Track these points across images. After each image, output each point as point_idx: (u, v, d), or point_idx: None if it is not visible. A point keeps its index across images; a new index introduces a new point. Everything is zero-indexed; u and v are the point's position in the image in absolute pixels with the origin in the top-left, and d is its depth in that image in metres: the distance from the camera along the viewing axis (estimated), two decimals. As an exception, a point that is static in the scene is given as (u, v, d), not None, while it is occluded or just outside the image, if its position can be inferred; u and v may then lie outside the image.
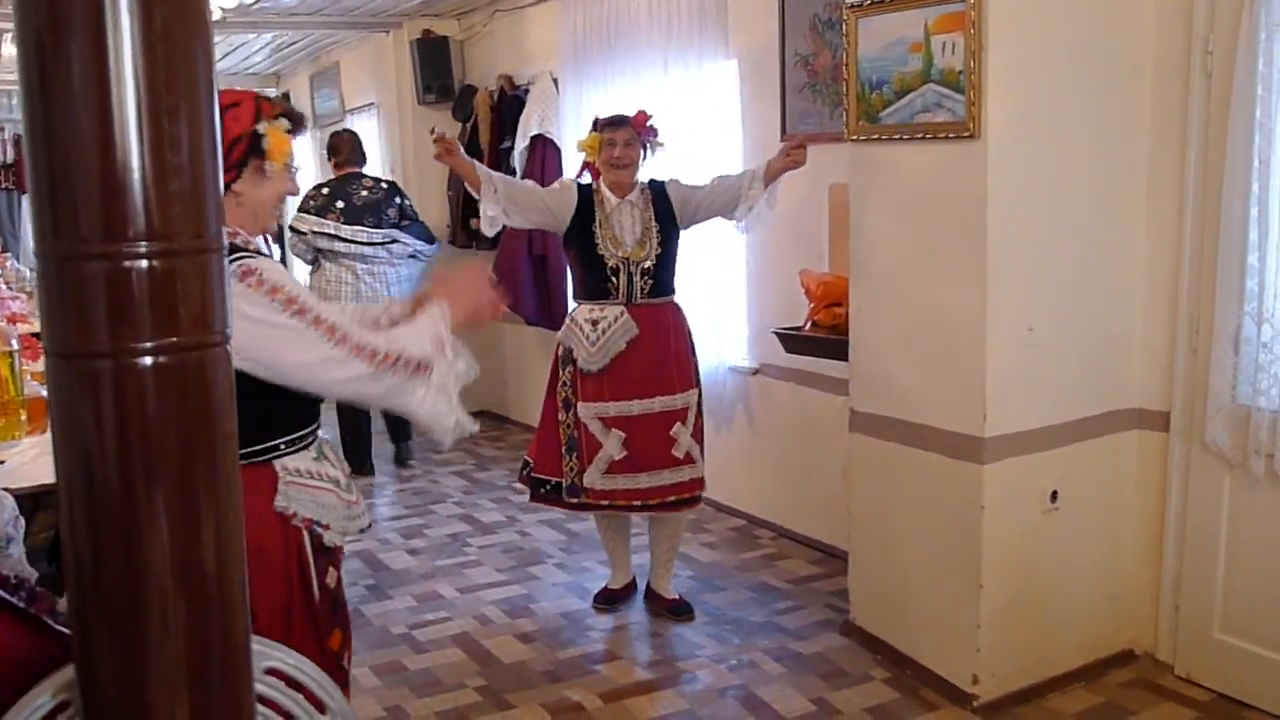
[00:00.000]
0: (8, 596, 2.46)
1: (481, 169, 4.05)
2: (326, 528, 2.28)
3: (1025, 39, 3.30)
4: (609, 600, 4.41)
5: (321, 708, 1.53)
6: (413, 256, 6.38)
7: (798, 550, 4.99)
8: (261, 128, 2.19)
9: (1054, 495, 3.52)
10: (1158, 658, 3.70)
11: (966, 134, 3.30)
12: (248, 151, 2.18)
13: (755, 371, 5.24)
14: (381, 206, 6.24)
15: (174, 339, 1.05)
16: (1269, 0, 3.11)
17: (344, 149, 6.42)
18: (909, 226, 3.59)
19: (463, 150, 4.07)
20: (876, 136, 3.63)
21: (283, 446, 2.25)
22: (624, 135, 4.08)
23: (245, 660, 1.31)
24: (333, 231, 6.13)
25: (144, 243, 1.02)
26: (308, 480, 2.26)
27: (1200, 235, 3.41)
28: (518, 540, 5.31)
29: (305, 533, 2.25)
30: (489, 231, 4.16)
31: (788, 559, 4.90)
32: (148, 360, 1.05)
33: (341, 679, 2.32)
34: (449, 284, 2.35)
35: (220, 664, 1.26)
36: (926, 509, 3.62)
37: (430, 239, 6.51)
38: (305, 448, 2.29)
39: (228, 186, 2.17)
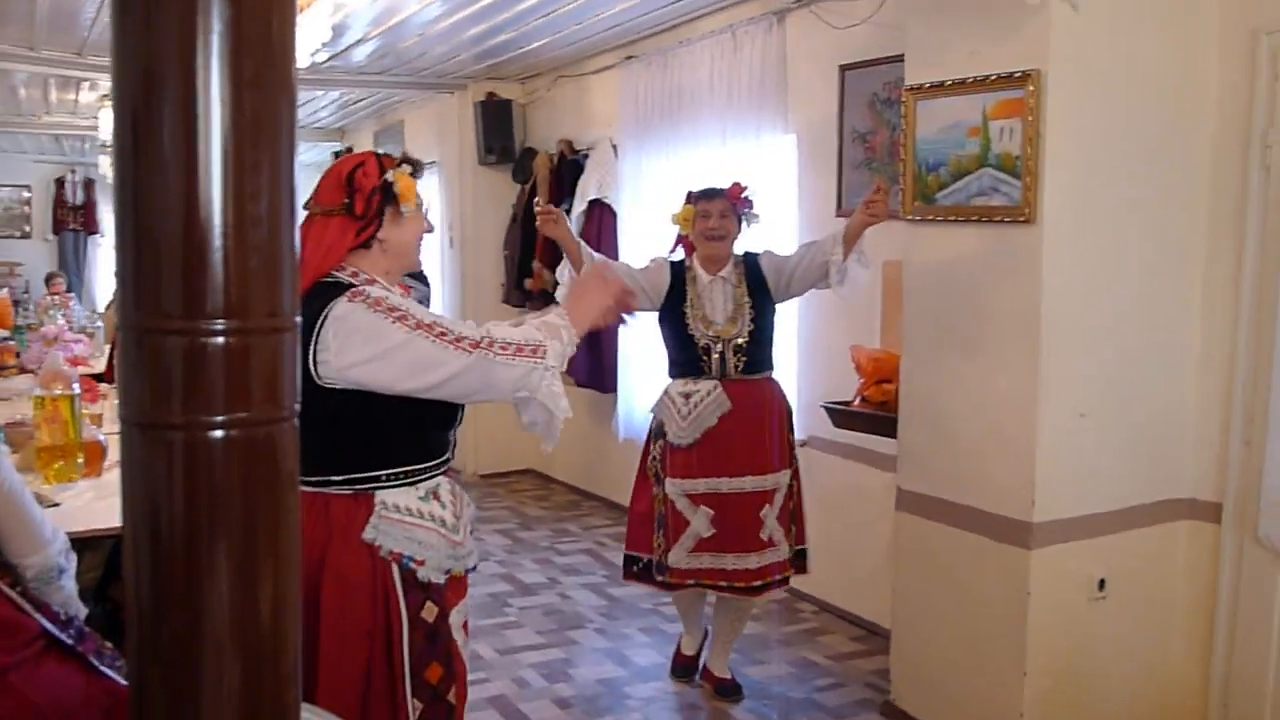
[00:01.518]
0: (58, 633, 2.51)
1: (586, 249, 3.96)
2: (420, 564, 2.36)
3: (1083, 126, 3.32)
4: (685, 671, 4.33)
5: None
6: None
7: (840, 626, 4.95)
8: (390, 176, 2.43)
9: (1101, 584, 3.49)
10: (1205, 755, 3.62)
11: (1022, 219, 3.32)
12: (383, 200, 2.41)
13: (803, 444, 5.23)
14: None
15: (245, 414, 1.09)
16: (1330, 98, 3.12)
17: None
18: (962, 307, 3.60)
19: (568, 222, 4.01)
20: (932, 218, 3.66)
21: (384, 479, 2.37)
22: (719, 207, 3.99)
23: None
24: None
25: (221, 320, 1.06)
26: (405, 516, 2.37)
27: (1257, 326, 3.39)
28: (559, 603, 5.31)
29: (395, 565, 2.34)
30: None
31: (829, 634, 4.86)
32: (219, 434, 1.09)
33: (442, 711, 2.40)
34: (572, 288, 2.50)
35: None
36: (972, 592, 3.59)
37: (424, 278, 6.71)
38: (412, 485, 2.40)
39: (373, 237, 2.40)
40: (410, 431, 2.41)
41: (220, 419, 1.06)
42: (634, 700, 4.21)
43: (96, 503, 3.63)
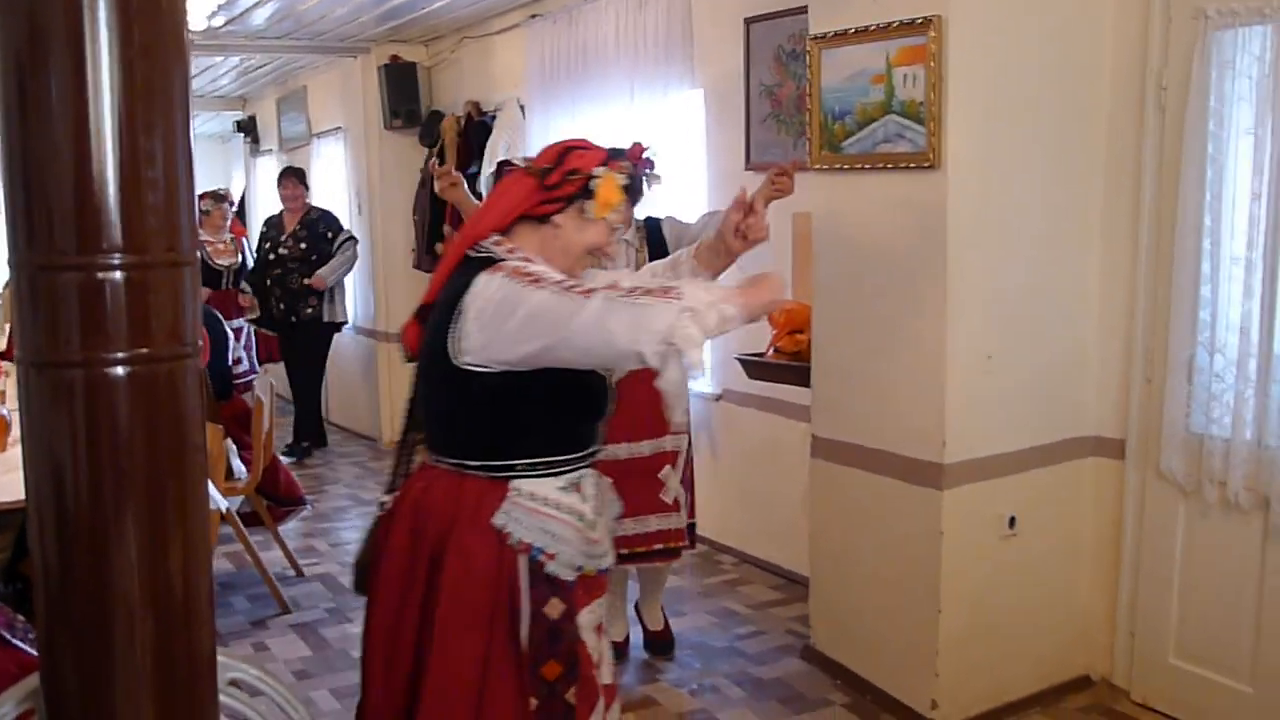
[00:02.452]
0: (-35, 612, 2.45)
1: None
2: (551, 557, 2.26)
3: (985, 72, 3.36)
4: (614, 655, 4.28)
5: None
6: None
7: (759, 576, 5.01)
8: (599, 173, 2.32)
9: (1012, 521, 3.57)
10: (1114, 683, 3.74)
11: (927, 164, 3.36)
12: (578, 192, 2.30)
13: (718, 398, 5.28)
14: None
15: (146, 350, 1.07)
16: (1220, 38, 3.20)
17: None
18: (871, 255, 3.64)
19: (466, 185, 3.89)
20: (839, 166, 3.69)
21: (520, 468, 2.27)
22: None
23: (210, 673, 1.31)
24: None
25: (118, 254, 1.04)
26: (541, 506, 2.27)
27: (1154, 266, 3.48)
28: (480, 565, 5.29)
29: (523, 556, 2.25)
30: None
31: (749, 584, 4.92)
32: (120, 370, 1.06)
33: (560, 709, 2.29)
34: (751, 279, 2.34)
35: (186, 677, 1.27)
36: (886, 534, 3.65)
37: None
38: (553, 475, 2.30)
39: (548, 216, 2.30)
40: (552, 420, 2.31)
41: (121, 355, 1.04)
42: (558, 656, 4.22)
43: (1, 478, 3.54)
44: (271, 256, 7.44)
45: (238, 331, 7.14)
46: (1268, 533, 3.24)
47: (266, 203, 10.40)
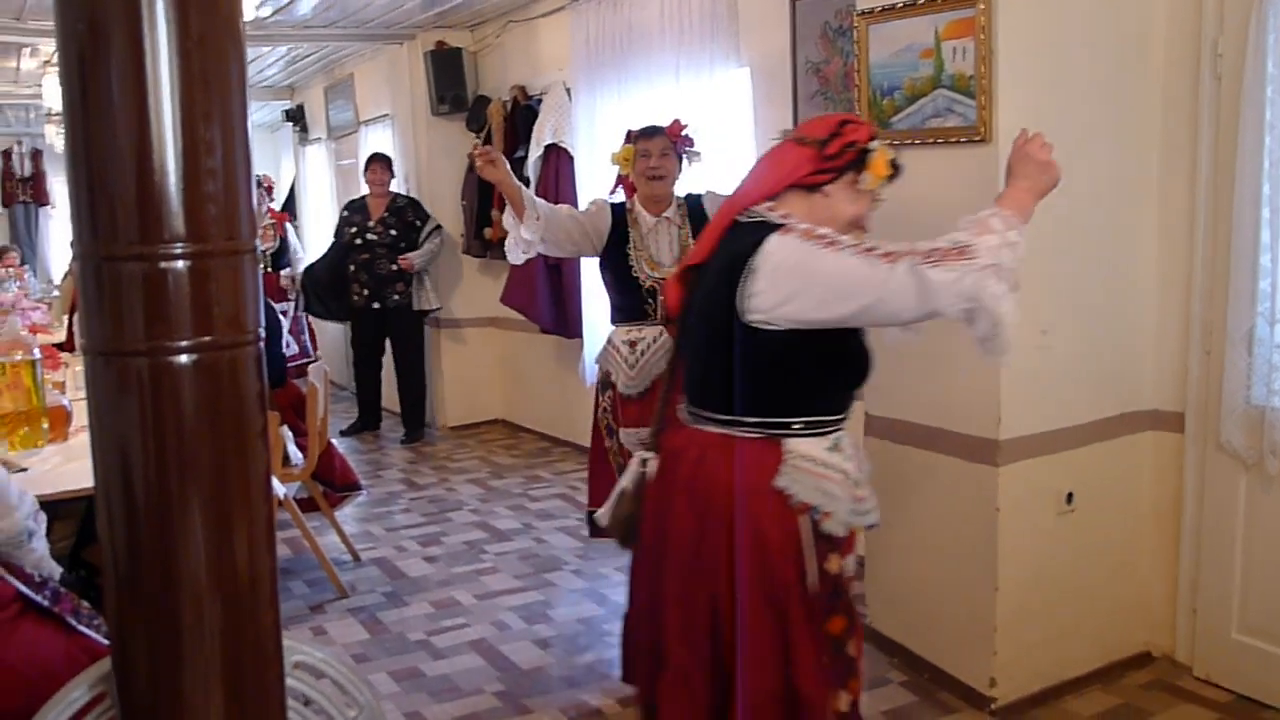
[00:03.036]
0: (33, 596, 2.50)
1: (527, 194, 3.87)
2: (827, 515, 2.35)
3: (1035, 43, 3.32)
4: None
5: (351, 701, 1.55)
6: None
7: (813, 555, 5.00)
8: (874, 146, 2.43)
9: (1069, 497, 3.53)
10: (1176, 659, 3.70)
11: (978, 138, 3.32)
12: (853, 162, 2.41)
13: (769, 377, 5.26)
14: None
15: (209, 337, 1.09)
16: (1276, 3, 3.13)
17: None
18: (922, 230, 3.57)
19: (507, 165, 3.89)
20: (889, 142, 3.64)
21: (796, 428, 2.36)
22: (659, 145, 3.93)
23: (277, 655, 1.33)
24: None
25: (179, 244, 1.05)
26: (815, 466, 2.35)
27: (1213, 237, 3.43)
28: (534, 547, 5.34)
29: (803, 516, 2.34)
30: (517, 259, 3.98)
31: (803, 564, 4.91)
32: (184, 359, 1.08)
33: (844, 665, 2.39)
34: (1006, 174, 2.50)
35: (253, 659, 1.29)
36: (942, 512, 3.63)
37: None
38: (821, 435, 2.39)
39: (819, 185, 2.40)
40: (828, 380, 2.42)
41: (184, 343, 1.06)
42: (614, 637, 4.22)
43: (64, 467, 3.61)
44: (358, 241, 7.42)
45: (284, 314, 7.22)
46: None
47: (317, 191, 10.50)
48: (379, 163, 7.55)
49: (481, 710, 3.68)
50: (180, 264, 1.06)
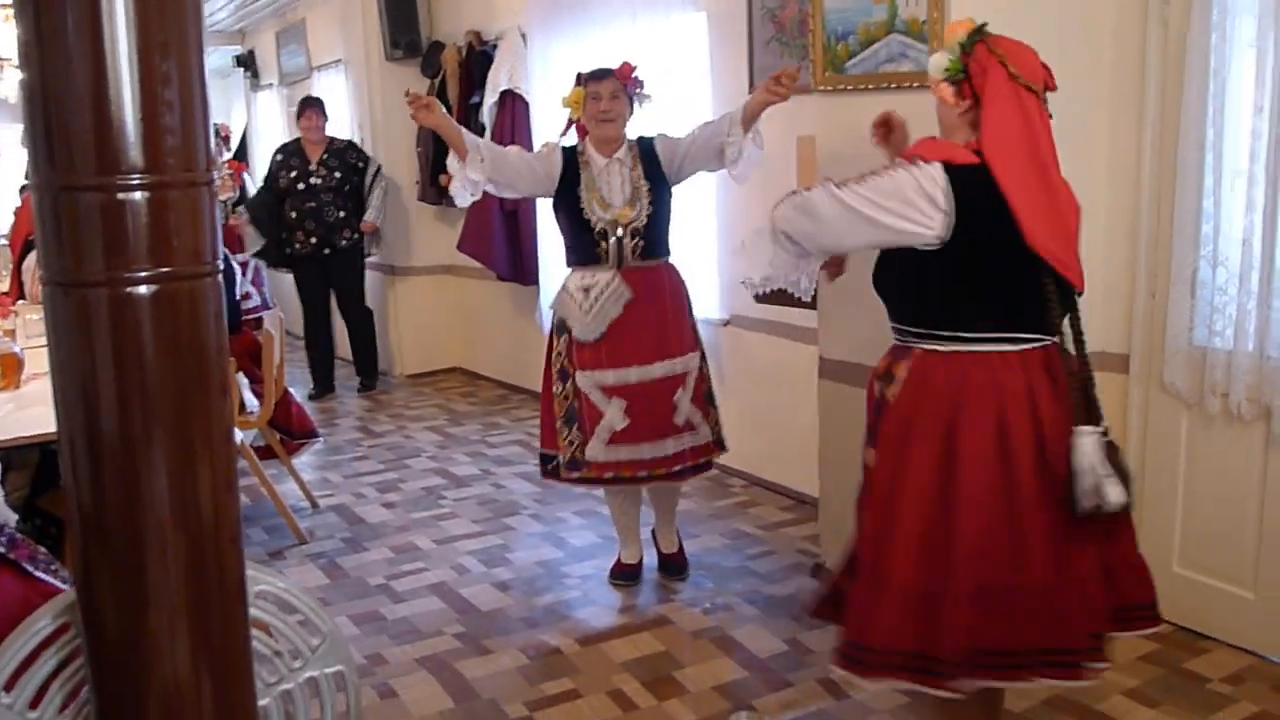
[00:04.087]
0: (-12, 541, 2.50)
1: (468, 136, 3.86)
2: None
3: (988, -12, 3.34)
4: (626, 575, 4.24)
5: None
6: None
7: (769, 498, 5.08)
8: None
9: (1017, 437, 3.60)
10: (1118, 594, 3.79)
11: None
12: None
13: (726, 323, 5.31)
14: None
15: (168, 268, 1.10)
16: (1223, -51, 3.17)
17: None
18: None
19: (442, 109, 3.88)
20: (843, 87, 3.68)
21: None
22: (609, 88, 3.93)
23: (240, 589, 1.36)
24: None
25: (137, 175, 1.06)
26: None
27: (1158, 181, 3.48)
28: (493, 493, 5.38)
29: None
30: (463, 202, 3.98)
31: (759, 506, 4.99)
32: (143, 290, 1.10)
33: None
34: None
35: (217, 590, 1.32)
36: (894, 452, 3.69)
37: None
38: None
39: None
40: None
41: (143, 274, 1.07)
42: (572, 579, 4.30)
43: (17, 414, 3.60)
44: (301, 186, 7.25)
45: (244, 265, 7.14)
46: (1269, 442, 3.28)
47: (269, 138, 10.37)
48: (314, 108, 7.37)
49: (442, 651, 3.73)
50: (138, 195, 1.07)
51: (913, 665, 2.50)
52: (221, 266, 1.17)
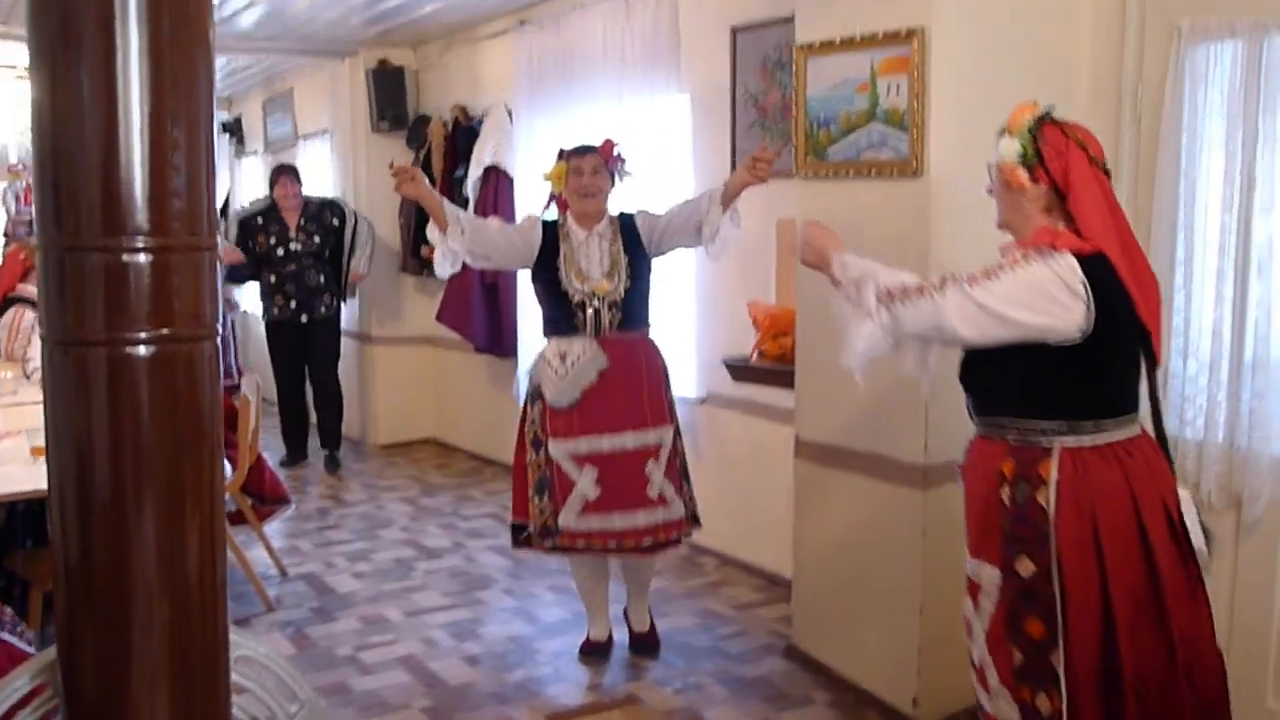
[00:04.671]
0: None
1: (449, 207, 3.90)
2: None
3: (966, 81, 3.43)
4: (596, 652, 4.21)
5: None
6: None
7: (742, 577, 5.07)
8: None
9: (991, 522, 3.62)
10: (1089, 682, 3.79)
11: (910, 172, 3.43)
12: None
13: (703, 401, 5.33)
14: None
15: (167, 330, 1.11)
16: (1193, 52, 3.28)
17: None
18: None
19: (426, 180, 3.93)
20: (824, 173, 3.75)
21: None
22: (591, 163, 3.99)
23: (224, 653, 1.35)
24: None
25: (142, 237, 1.08)
26: None
27: (1131, 273, 3.55)
28: (464, 565, 5.34)
29: None
30: (445, 273, 4.02)
31: (732, 586, 4.97)
32: (142, 350, 1.11)
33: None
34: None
35: (201, 655, 1.31)
36: (869, 535, 3.71)
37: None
38: None
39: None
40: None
41: (143, 335, 1.09)
42: (543, 655, 4.27)
43: (-9, 470, 3.56)
44: (280, 252, 7.12)
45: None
46: (1239, 531, 3.31)
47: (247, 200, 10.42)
48: (287, 175, 7.28)
49: (409, 725, 3.68)
50: (142, 257, 1.08)
51: None
52: (220, 331, 1.19)
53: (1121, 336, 2.51)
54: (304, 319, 7.20)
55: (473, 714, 3.76)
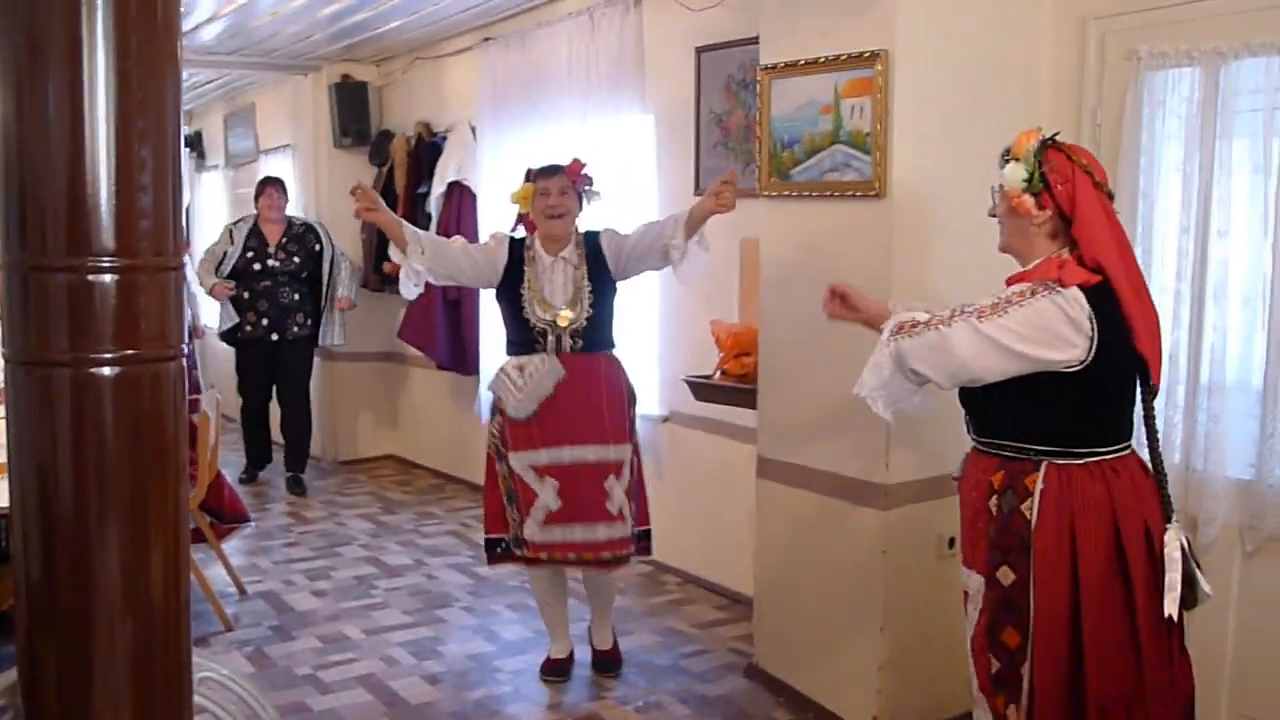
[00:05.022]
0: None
1: (409, 228, 3.89)
2: None
3: (928, 104, 3.47)
4: (557, 671, 4.19)
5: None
6: None
7: (704, 596, 5.07)
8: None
9: (951, 542, 3.65)
10: (1047, 700, 3.82)
11: (872, 193, 3.46)
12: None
13: (665, 419, 5.34)
14: None
15: (133, 350, 1.10)
16: (1151, 78, 3.33)
17: None
18: (816, 280, 3.70)
19: (384, 205, 3.91)
20: (787, 194, 3.78)
21: None
22: (558, 184, 3.96)
23: (186, 675, 1.34)
24: None
25: (108, 257, 1.07)
26: None
27: (1090, 295, 3.59)
28: (425, 583, 5.31)
29: None
30: (410, 294, 4.01)
31: (694, 604, 4.97)
32: (107, 370, 1.10)
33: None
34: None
35: (163, 677, 1.30)
36: (830, 554, 3.73)
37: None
38: None
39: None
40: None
41: (108, 355, 1.08)
42: (504, 673, 4.25)
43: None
44: (257, 267, 6.92)
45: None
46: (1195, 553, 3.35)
47: (212, 219, 10.33)
48: (273, 186, 7.08)
49: (368, 745, 3.65)
50: (108, 277, 1.08)
51: None
52: (186, 351, 1.18)
53: (1116, 365, 2.55)
54: (274, 337, 6.98)
55: (433, 734, 3.74)
